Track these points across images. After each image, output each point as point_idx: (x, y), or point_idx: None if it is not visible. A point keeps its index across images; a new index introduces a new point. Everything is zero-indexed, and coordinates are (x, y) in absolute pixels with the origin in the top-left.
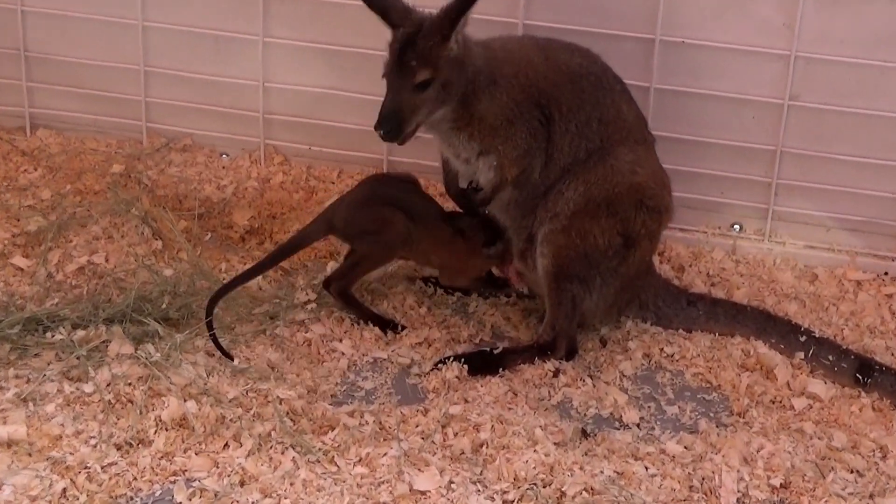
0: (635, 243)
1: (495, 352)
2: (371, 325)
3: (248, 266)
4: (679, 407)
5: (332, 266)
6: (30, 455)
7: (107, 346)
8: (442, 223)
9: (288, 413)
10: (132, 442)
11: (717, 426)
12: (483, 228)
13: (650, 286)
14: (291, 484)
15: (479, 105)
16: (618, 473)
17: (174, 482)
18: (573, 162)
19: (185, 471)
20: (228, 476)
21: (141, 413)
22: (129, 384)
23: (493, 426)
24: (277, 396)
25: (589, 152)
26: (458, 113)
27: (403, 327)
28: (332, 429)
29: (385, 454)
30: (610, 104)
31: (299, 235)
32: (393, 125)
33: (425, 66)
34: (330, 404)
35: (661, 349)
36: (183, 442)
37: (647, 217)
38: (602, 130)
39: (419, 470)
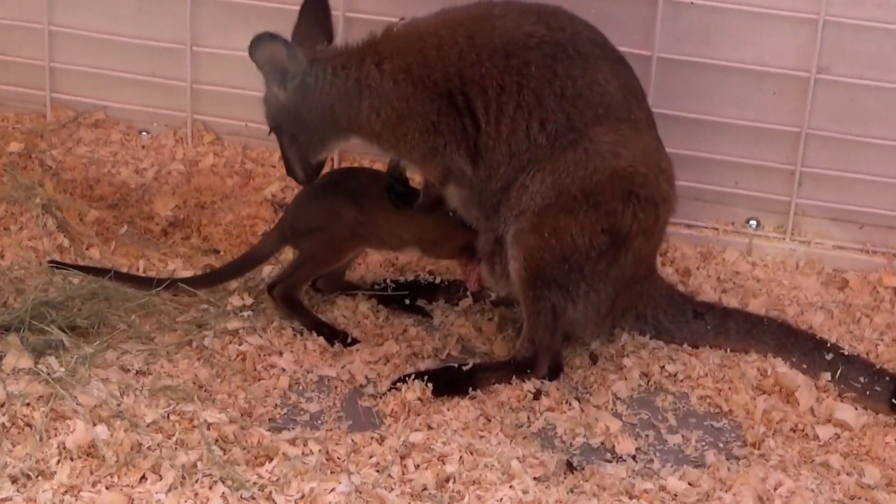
0: (626, 242)
1: (465, 369)
2: (317, 336)
3: (190, 274)
4: (683, 436)
5: (272, 270)
6: None
7: (0, 360)
8: (387, 202)
9: (217, 440)
10: (30, 473)
11: (727, 459)
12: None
13: (650, 294)
14: None
15: (362, 116)
16: None
17: None
18: (530, 149)
19: None
20: None
21: (41, 439)
22: (28, 404)
23: (461, 457)
24: (205, 420)
25: (552, 136)
26: (353, 127)
27: (356, 340)
28: (270, 459)
29: (332, 490)
30: (579, 76)
31: (253, 253)
32: (293, 175)
33: (268, 119)
34: (268, 430)
35: (663, 367)
36: (91, 474)
37: (639, 209)
38: (567, 108)
39: None
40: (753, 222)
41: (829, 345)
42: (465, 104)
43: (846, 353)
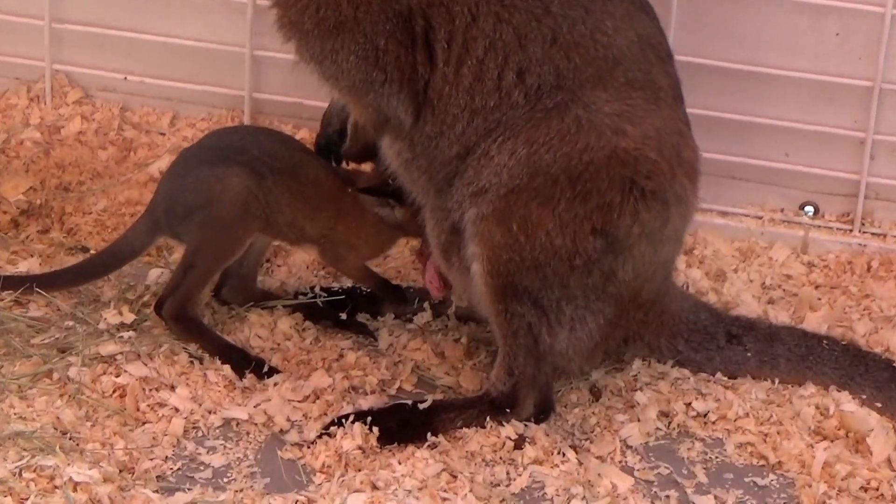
0: (624, 249)
1: (422, 407)
2: (222, 365)
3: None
4: (716, 497)
5: (160, 275)
6: None
7: None
8: (315, 171)
9: None
10: None
11: None
12: (382, 182)
13: (663, 319)
14: None
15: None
16: None
17: None
18: (500, 106)
19: None
20: None
21: None
22: None
23: None
24: (70, 479)
25: (532, 93)
26: (288, 12)
27: (274, 369)
28: None
29: None
30: (579, 17)
31: (115, 247)
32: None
33: None
34: (155, 492)
35: (689, 405)
36: None
37: (642, 207)
38: (558, 58)
39: None
40: (810, 208)
41: None
42: (423, 32)
43: None
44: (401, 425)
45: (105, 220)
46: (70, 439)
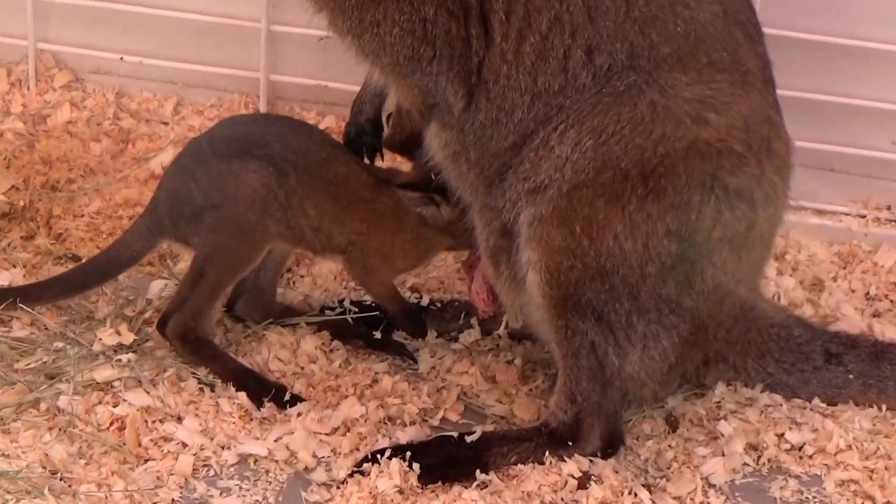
0: (704, 255)
1: (469, 441)
2: (237, 392)
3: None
4: None
5: (163, 288)
6: None
7: None
8: (346, 167)
9: None
10: None
11: None
12: (424, 178)
13: (749, 336)
14: None
15: None
16: None
17: None
18: (565, 89)
19: None
20: None
21: None
22: None
23: None
24: None
25: (602, 74)
26: None
27: (298, 397)
28: None
29: None
30: None
31: (112, 252)
32: None
33: None
34: None
35: (781, 436)
36: None
37: (725, 207)
38: (632, 35)
39: None
40: None
41: None
42: (477, 2)
43: None
44: (445, 461)
45: (99, 223)
46: (61, 480)
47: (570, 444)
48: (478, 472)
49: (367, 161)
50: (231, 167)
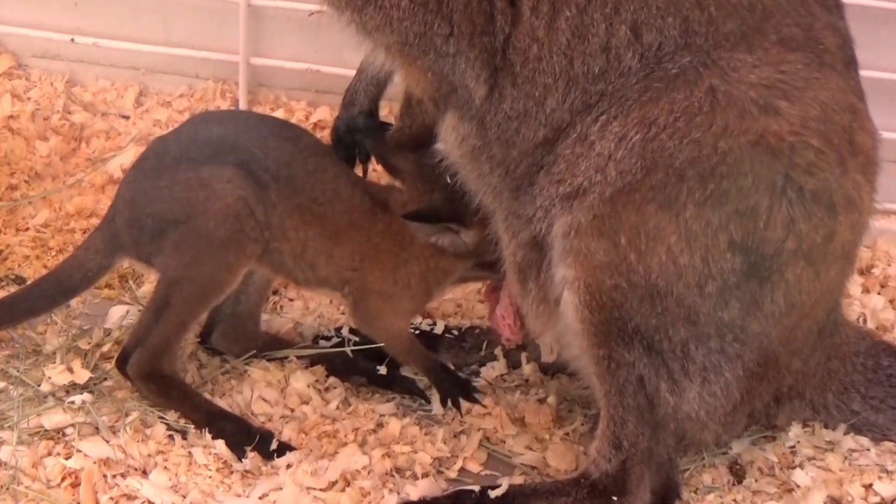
0: (776, 270)
1: (493, 495)
2: (214, 440)
3: None
4: None
5: (124, 315)
6: None
7: None
8: (338, 182)
9: None
10: None
11: None
12: (428, 181)
13: (830, 366)
14: None
15: None
16: None
17: None
18: (607, 74)
19: None
20: None
21: None
22: None
23: None
24: None
25: (651, 54)
26: None
27: (287, 445)
28: None
29: None
30: None
31: (66, 270)
32: None
33: None
34: None
35: (869, 486)
36: None
37: (800, 214)
38: (688, 9)
39: None
40: None
41: None
42: None
43: None
44: None
45: (47, 238)
46: None
47: (615, 498)
48: None
49: (358, 164)
50: (201, 174)
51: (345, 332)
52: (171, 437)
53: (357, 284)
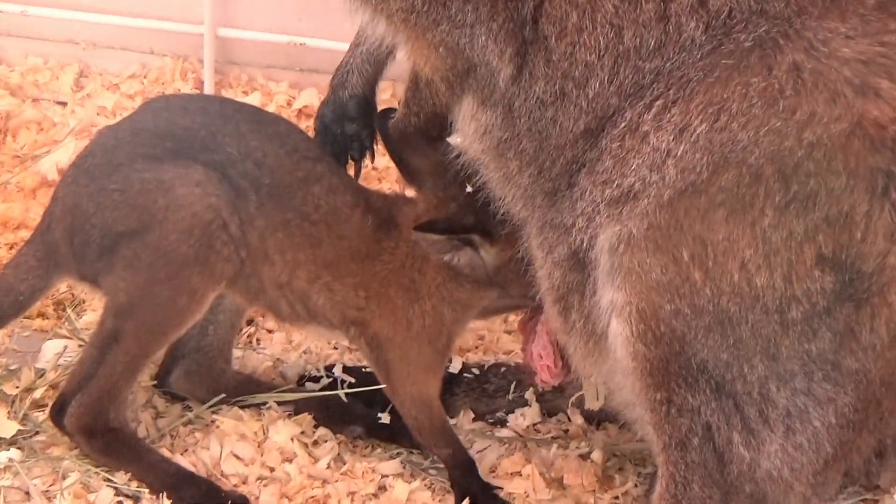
0: (875, 291)
1: None
2: None
3: None
4: None
5: (62, 352)
6: None
7: None
8: (335, 193)
9: None
10: None
11: None
12: (450, 186)
13: None
14: None
15: None
16: None
17: None
18: (662, 49)
19: None
20: None
21: None
22: None
23: None
24: None
25: (718, 24)
26: None
27: None
28: None
29: None
30: None
31: None
32: None
33: None
34: None
35: None
36: None
37: None
38: None
39: None
40: None
41: None
42: None
43: None
44: None
45: None
46: None
47: None
48: None
49: (350, 164)
50: (162, 176)
51: (337, 371)
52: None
53: (362, 328)
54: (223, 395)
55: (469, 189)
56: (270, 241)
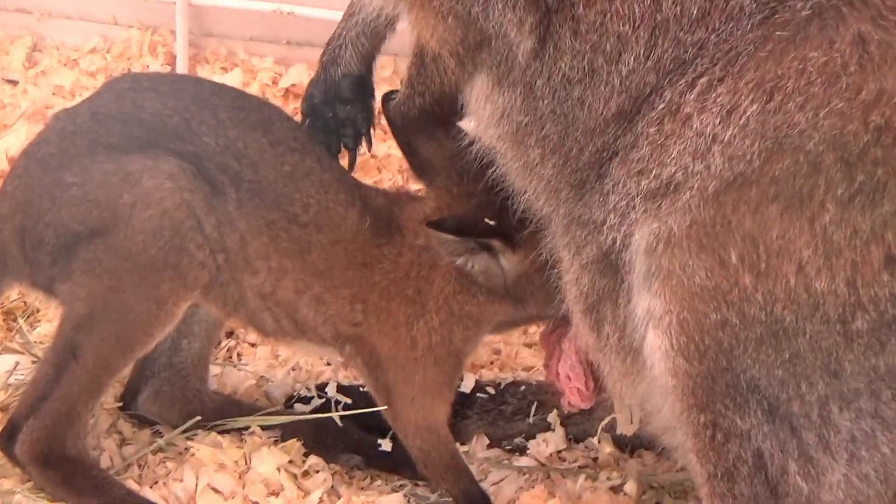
0: None
1: None
2: None
3: None
4: None
5: (12, 369)
6: None
7: None
8: (327, 191)
9: None
10: None
11: None
12: (466, 180)
13: None
14: None
15: None
16: None
17: None
18: (706, 20)
19: None
20: None
21: None
22: None
23: None
24: None
25: None
26: None
27: None
28: None
29: None
30: None
31: None
32: None
33: None
34: None
35: None
36: None
37: None
38: None
39: None
40: None
41: None
42: None
43: None
44: None
45: None
46: None
47: None
48: None
49: (344, 153)
50: (127, 168)
51: (331, 390)
52: None
53: (362, 347)
54: (198, 419)
55: (488, 184)
56: (252, 246)
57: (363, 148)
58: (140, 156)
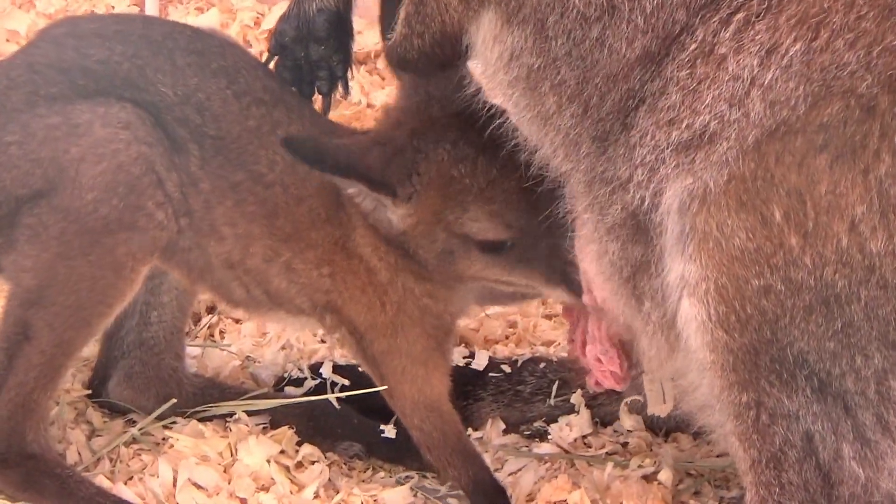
0: None
1: None
2: None
3: None
4: None
5: None
6: None
7: None
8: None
9: None
10: None
11: None
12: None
13: None
14: None
15: None
16: None
17: None
18: None
19: None
20: None
21: None
22: None
23: None
24: None
25: None
26: None
27: None
28: None
29: None
30: None
31: None
32: None
33: None
34: None
35: None
36: None
37: None
38: None
39: None
40: None
41: None
42: None
43: None
44: None
45: None
46: None
47: None
48: None
49: (318, 102)
50: (73, 118)
51: (326, 370)
52: None
53: (341, 316)
54: (174, 401)
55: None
56: (218, 210)
57: (339, 93)
58: (89, 104)
